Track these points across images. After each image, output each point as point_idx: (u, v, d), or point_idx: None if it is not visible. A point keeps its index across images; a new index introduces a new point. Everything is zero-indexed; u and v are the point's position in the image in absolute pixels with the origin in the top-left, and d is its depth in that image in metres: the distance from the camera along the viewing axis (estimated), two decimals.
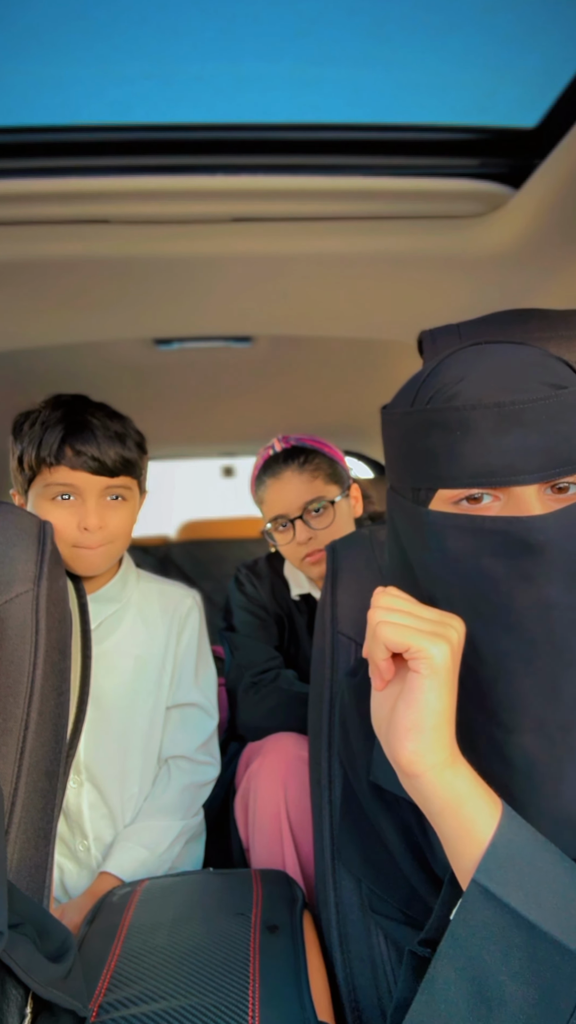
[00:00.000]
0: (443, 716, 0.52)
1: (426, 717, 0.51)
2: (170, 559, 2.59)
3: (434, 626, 0.53)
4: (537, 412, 0.54)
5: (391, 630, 0.52)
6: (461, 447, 0.56)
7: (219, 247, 0.93)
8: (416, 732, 0.51)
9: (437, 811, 0.52)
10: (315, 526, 1.23)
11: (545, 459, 0.54)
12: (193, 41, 0.70)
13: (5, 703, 0.76)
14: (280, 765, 1.06)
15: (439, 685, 0.51)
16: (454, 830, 0.51)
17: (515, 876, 0.48)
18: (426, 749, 0.51)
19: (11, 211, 0.83)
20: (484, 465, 0.55)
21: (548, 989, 0.46)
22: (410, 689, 0.52)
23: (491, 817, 0.50)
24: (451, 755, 0.52)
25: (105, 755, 1.05)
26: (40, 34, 0.69)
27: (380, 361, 1.45)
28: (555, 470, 0.54)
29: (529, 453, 0.54)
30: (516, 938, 0.47)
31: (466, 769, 0.52)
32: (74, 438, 0.97)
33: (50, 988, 0.55)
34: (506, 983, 0.47)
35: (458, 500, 0.57)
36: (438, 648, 0.51)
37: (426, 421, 0.58)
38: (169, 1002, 0.62)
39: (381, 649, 0.53)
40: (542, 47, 0.71)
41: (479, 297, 1.03)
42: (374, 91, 0.78)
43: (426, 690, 0.51)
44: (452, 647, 0.52)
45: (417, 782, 0.52)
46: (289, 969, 0.68)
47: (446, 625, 0.53)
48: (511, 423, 0.54)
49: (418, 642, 0.51)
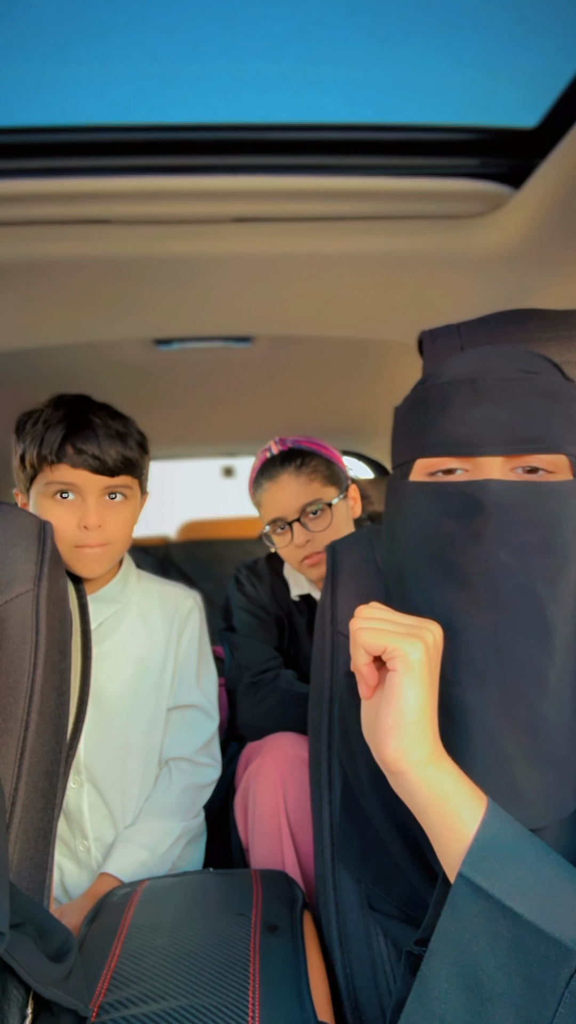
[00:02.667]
0: (422, 713, 0.53)
1: (405, 713, 0.53)
2: (170, 559, 2.59)
3: (409, 628, 0.56)
4: (507, 390, 0.58)
5: (368, 634, 0.55)
6: (437, 419, 0.61)
7: (220, 247, 0.93)
8: (397, 729, 0.53)
9: (423, 807, 0.53)
10: (313, 528, 1.23)
11: (510, 433, 0.58)
12: (193, 41, 0.70)
13: (5, 703, 0.76)
14: (279, 765, 1.06)
15: (416, 682, 0.53)
16: (440, 825, 0.52)
17: (500, 868, 0.49)
18: (408, 746, 0.53)
19: (12, 211, 0.83)
20: (454, 436, 0.59)
21: (535, 979, 0.47)
22: (389, 688, 0.54)
23: (475, 812, 0.51)
24: (434, 751, 0.54)
25: (105, 755, 1.05)
26: (40, 34, 0.69)
27: (380, 361, 1.45)
28: (519, 445, 0.58)
29: (496, 426, 0.58)
30: (502, 929, 0.48)
31: (450, 765, 0.54)
32: (75, 437, 0.97)
33: (51, 988, 0.56)
34: (495, 975, 0.47)
35: (434, 472, 0.62)
36: (412, 646, 0.53)
37: (413, 400, 0.64)
38: (169, 1002, 0.62)
39: (361, 654, 0.56)
40: (542, 47, 0.71)
41: (479, 297, 1.03)
42: (374, 91, 0.78)
43: (404, 687, 0.53)
44: (427, 646, 0.54)
45: (402, 779, 0.53)
46: (289, 969, 0.68)
47: (422, 628, 0.56)
48: (482, 398, 0.58)
49: (393, 642, 0.54)
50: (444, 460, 0.61)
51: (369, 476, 2.17)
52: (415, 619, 0.57)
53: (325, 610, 0.86)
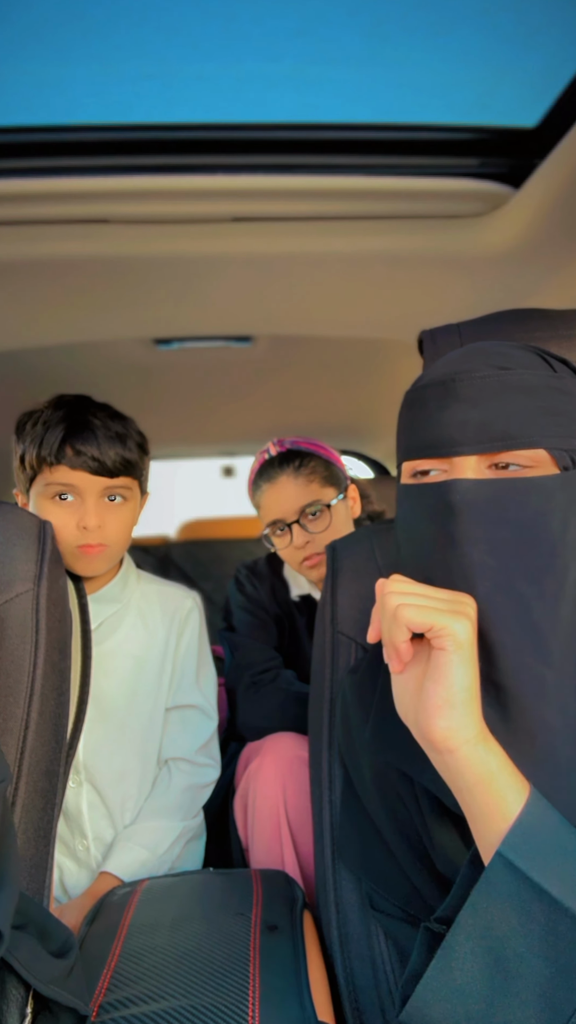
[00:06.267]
0: (471, 691, 0.53)
1: (456, 692, 0.53)
2: (170, 559, 2.59)
3: (451, 604, 0.55)
4: (475, 388, 0.58)
5: (413, 611, 0.54)
6: (414, 423, 0.61)
7: (219, 247, 0.93)
8: (448, 708, 0.53)
9: (469, 786, 0.53)
10: (312, 530, 1.23)
11: (481, 432, 0.57)
12: (193, 41, 0.70)
13: (5, 703, 0.76)
14: (279, 765, 1.06)
15: (465, 660, 0.53)
16: (484, 805, 0.52)
17: (540, 852, 0.49)
18: (459, 724, 0.52)
19: (11, 211, 0.83)
20: (429, 437, 0.60)
21: (565, 964, 0.47)
22: (436, 666, 0.53)
23: (519, 794, 0.51)
24: (482, 730, 0.54)
25: (104, 755, 1.05)
26: (40, 34, 0.69)
27: (380, 361, 1.45)
28: (490, 443, 0.57)
29: (466, 426, 0.58)
30: (537, 912, 0.48)
31: (496, 746, 0.54)
32: (75, 438, 0.97)
33: (51, 986, 0.56)
34: (524, 955, 0.48)
35: (415, 473, 0.62)
36: (460, 624, 0.53)
37: (401, 404, 0.64)
38: (169, 1002, 0.62)
39: (403, 631, 0.55)
40: (542, 47, 0.71)
41: (479, 297, 1.03)
42: (374, 91, 0.78)
43: (454, 665, 0.53)
44: (472, 623, 0.54)
45: (451, 757, 0.53)
46: (289, 969, 0.68)
47: (461, 603, 0.55)
48: (453, 399, 0.58)
49: (441, 620, 0.53)
50: (424, 462, 0.61)
51: (369, 476, 2.17)
52: (450, 593, 0.56)
53: (325, 610, 0.86)
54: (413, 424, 0.62)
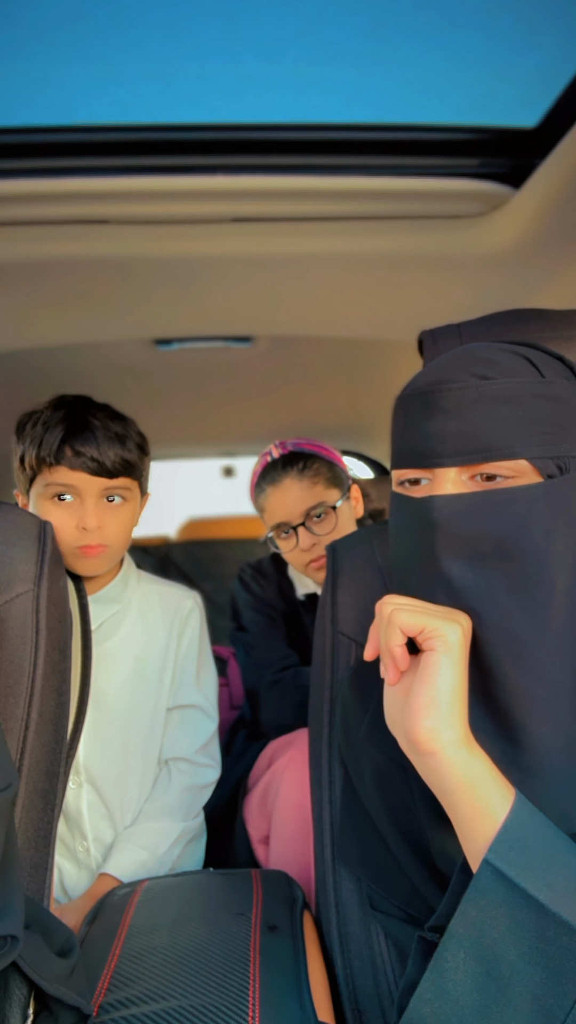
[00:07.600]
0: (456, 693, 0.54)
1: (441, 692, 0.53)
2: (170, 559, 2.59)
3: (444, 612, 0.56)
4: (455, 399, 0.57)
5: (406, 614, 0.55)
6: (400, 431, 0.62)
7: (219, 247, 0.93)
8: (433, 708, 0.53)
9: (452, 790, 0.53)
10: (317, 532, 1.23)
11: (460, 444, 0.57)
12: (193, 41, 0.70)
13: (5, 703, 0.76)
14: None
15: (453, 662, 0.54)
16: (469, 809, 0.52)
17: (527, 858, 0.49)
18: (442, 725, 0.53)
19: (11, 211, 0.83)
20: (413, 448, 0.60)
21: (555, 970, 0.47)
22: (425, 667, 0.54)
23: (505, 799, 0.51)
24: (467, 735, 0.54)
25: (105, 756, 1.05)
26: (40, 34, 0.69)
27: (380, 361, 1.45)
28: (469, 455, 0.57)
29: (447, 438, 0.57)
30: (526, 919, 0.48)
31: (480, 752, 0.54)
32: (74, 438, 0.97)
33: (56, 985, 0.56)
34: (515, 963, 0.48)
35: (402, 481, 0.63)
36: (451, 627, 0.54)
37: (393, 411, 0.65)
38: (169, 1002, 0.62)
39: (397, 635, 0.56)
40: (542, 47, 0.71)
41: (479, 297, 1.03)
42: (374, 91, 0.78)
43: (441, 665, 0.53)
44: (463, 629, 0.55)
45: (434, 760, 0.53)
46: (289, 969, 0.68)
47: (456, 613, 0.56)
48: (434, 410, 0.58)
49: (432, 622, 0.54)
50: (409, 471, 0.61)
51: (369, 476, 2.17)
52: (445, 608, 0.57)
53: (325, 610, 0.86)
54: (398, 433, 0.63)
